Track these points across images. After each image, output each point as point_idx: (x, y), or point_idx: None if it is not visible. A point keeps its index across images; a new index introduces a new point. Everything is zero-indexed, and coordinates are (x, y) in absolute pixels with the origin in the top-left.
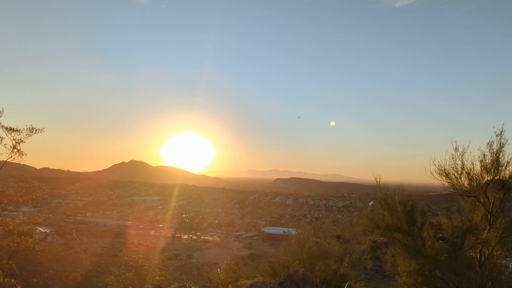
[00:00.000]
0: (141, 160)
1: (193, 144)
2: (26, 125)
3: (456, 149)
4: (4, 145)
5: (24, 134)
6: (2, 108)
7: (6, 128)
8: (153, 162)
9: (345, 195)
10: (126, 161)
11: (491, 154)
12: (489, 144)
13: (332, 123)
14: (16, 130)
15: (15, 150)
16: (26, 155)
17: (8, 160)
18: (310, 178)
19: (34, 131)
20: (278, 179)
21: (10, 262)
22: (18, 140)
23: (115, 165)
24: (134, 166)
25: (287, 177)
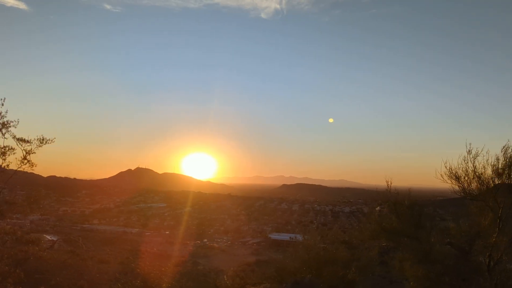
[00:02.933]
0: (147, 167)
1: (199, 151)
2: (37, 136)
3: (469, 152)
4: (16, 157)
5: (35, 145)
6: (18, 119)
7: (18, 139)
8: (159, 169)
9: (351, 200)
10: (132, 168)
11: (504, 158)
12: (504, 148)
13: (331, 120)
14: (27, 141)
15: (25, 160)
16: (36, 166)
17: (19, 170)
18: (316, 184)
19: (44, 142)
20: (284, 185)
21: (17, 270)
22: (28, 151)
23: (121, 172)
24: (140, 173)
25: (293, 183)
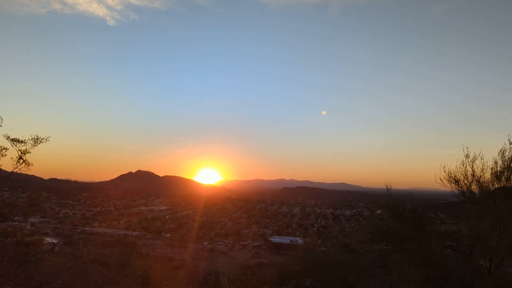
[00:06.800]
0: (148, 170)
1: (199, 155)
2: (31, 135)
3: (467, 156)
4: (10, 157)
5: (29, 144)
6: (1, 117)
7: (12, 140)
8: (160, 171)
9: (352, 203)
10: (133, 171)
11: (502, 161)
12: (502, 151)
13: (323, 113)
14: (21, 141)
15: (21, 161)
16: (32, 165)
17: (15, 171)
18: (317, 187)
19: (39, 141)
20: (285, 188)
21: (18, 272)
22: (23, 150)
23: (122, 175)
24: (141, 176)
25: (294, 186)
